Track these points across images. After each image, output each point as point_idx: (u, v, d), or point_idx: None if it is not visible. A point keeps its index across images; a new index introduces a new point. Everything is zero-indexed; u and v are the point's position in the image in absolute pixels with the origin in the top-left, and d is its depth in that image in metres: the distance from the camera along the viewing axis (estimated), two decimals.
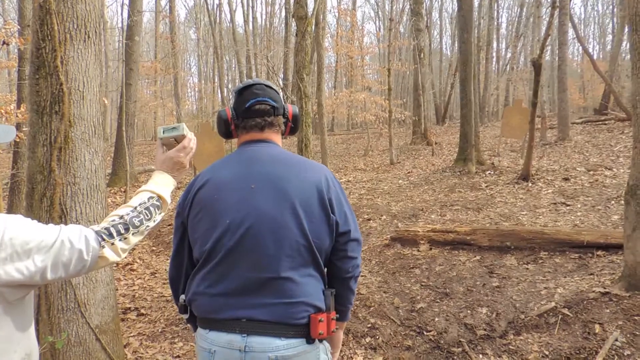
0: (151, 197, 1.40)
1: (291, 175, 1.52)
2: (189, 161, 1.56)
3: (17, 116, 6.89)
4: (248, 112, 1.61)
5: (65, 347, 3.05)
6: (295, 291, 1.46)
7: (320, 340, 1.52)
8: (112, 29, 25.77)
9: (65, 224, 3.08)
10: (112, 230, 1.26)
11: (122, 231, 1.28)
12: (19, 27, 6.89)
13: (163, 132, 1.54)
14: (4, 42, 5.97)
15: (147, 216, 1.35)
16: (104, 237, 1.24)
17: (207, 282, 1.54)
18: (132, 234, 1.30)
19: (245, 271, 1.48)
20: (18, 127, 7.01)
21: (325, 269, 1.60)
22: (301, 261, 1.48)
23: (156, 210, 1.40)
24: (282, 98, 1.67)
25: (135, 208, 1.34)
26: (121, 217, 1.30)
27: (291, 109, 1.69)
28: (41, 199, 3.12)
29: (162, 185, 1.47)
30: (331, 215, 1.51)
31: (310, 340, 1.48)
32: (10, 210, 7.30)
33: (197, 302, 1.56)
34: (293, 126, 1.71)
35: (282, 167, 1.54)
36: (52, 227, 1.23)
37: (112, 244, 1.25)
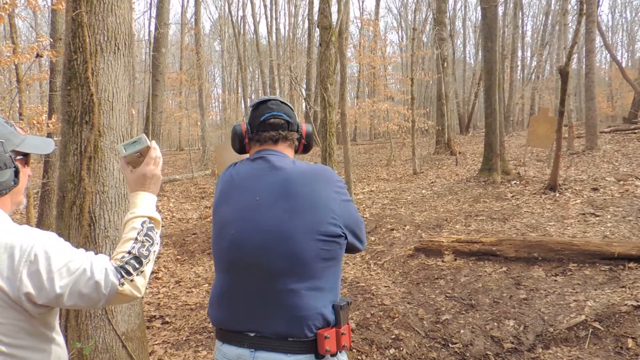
0: (144, 222, 1.36)
1: (298, 187, 1.49)
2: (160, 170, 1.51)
3: (48, 126, 7.09)
4: (263, 126, 1.63)
5: (92, 353, 3.10)
6: (301, 306, 1.43)
7: (333, 355, 1.47)
8: (139, 41, 26.36)
9: (94, 232, 3.16)
10: (128, 267, 1.25)
11: (137, 265, 1.27)
12: (51, 40, 7.10)
13: (125, 149, 1.44)
14: (37, 55, 6.17)
15: (150, 242, 1.34)
16: (123, 274, 1.24)
17: (217, 290, 1.59)
18: (146, 264, 1.30)
19: (250, 284, 1.49)
20: (49, 137, 7.21)
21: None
22: (307, 275, 1.44)
23: (154, 232, 1.38)
24: (296, 115, 1.69)
25: (137, 239, 1.32)
26: (129, 253, 1.28)
27: (305, 127, 1.69)
28: (71, 207, 3.19)
29: (146, 205, 1.42)
30: (338, 228, 1.48)
31: (319, 356, 1.44)
32: (41, 218, 7.48)
33: (210, 310, 1.61)
34: (306, 144, 1.71)
35: (289, 179, 1.51)
36: (81, 253, 1.24)
37: (132, 280, 1.24)
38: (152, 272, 6.30)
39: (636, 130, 15.69)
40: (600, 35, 15.61)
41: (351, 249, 1.60)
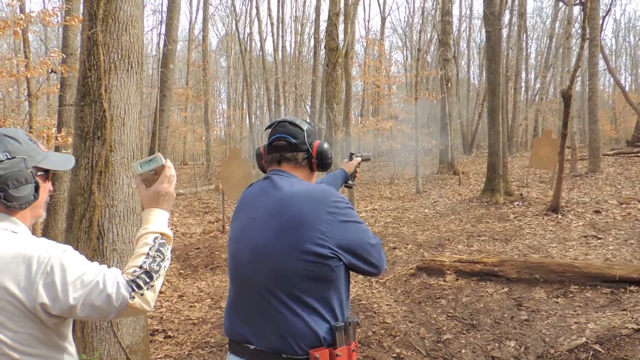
0: (156, 238, 1.40)
1: (288, 206, 1.51)
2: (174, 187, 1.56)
3: (57, 139, 7.19)
4: (270, 148, 1.73)
5: None
6: (291, 323, 1.45)
7: None
8: (147, 57, 26.70)
9: (103, 245, 3.22)
10: (139, 281, 1.29)
11: (148, 280, 1.31)
12: (63, 55, 7.24)
13: (141, 167, 1.47)
14: (52, 71, 6.29)
15: (161, 257, 1.37)
16: (134, 287, 1.28)
17: (228, 301, 1.67)
18: (156, 279, 1.33)
19: (248, 298, 1.56)
20: (57, 150, 7.31)
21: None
22: (295, 293, 1.46)
23: (165, 248, 1.41)
24: (308, 134, 1.70)
25: (148, 254, 1.35)
26: (140, 267, 1.32)
27: (317, 144, 1.70)
28: (81, 220, 3.26)
29: (159, 222, 1.46)
30: (326, 249, 1.45)
31: None
32: (46, 230, 7.54)
33: (224, 320, 1.68)
34: (318, 162, 1.71)
35: (282, 198, 1.54)
36: (94, 266, 1.29)
37: (142, 294, 1.28)
38: None
39: (639, 154, 15.73)
40: (604, 59, 15.76)
41: (362, 272, 1.59)
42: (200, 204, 14.21)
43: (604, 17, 13.78)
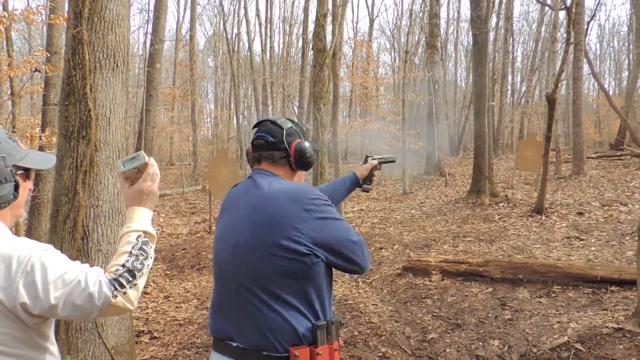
0: (139, 236, 1.39)
1: (264, 204, 1.52)
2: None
3: (40, 139, 7.10)
4: (252, 147, 1.75)
5: None
6: (270, 320, 1.46)
7: None
8: (134, 56, 26.49)
9: (87, 245, 3.20)
10: (122, 280, 1.28)
11: (131, 278, 1.29)
12: (47, 54, 7.16)
13: (123, 165, 1.46)
14: (35, 70, 6.22)
15: (144, 255, 1.36)
16: (117, 286, 1.26)
17: (212, 299, 1.69)
18: (139, 277, 1.32)
19: (230, 295, 1.57)
20: (41, 150, 7.22)
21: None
22: (272, 289, 1.47)
23: (148, 246, 1.40)
24: (288, 133, 1.70)
25: (131, 252, 1.34)
26: (123, 266, 1.30)
27: (295, 143, 1.69)
28: (65, 220, 3.23)
29: (142, 220, 1.45)
30: (302, 246, 1.45)
31: None
32: (30, 231, 7.44)
33: (209, 318, 1.69)
34: (296, 161, 1.69)
35: (260, 196, 1.56)
36: (76, 265, 1.28)
37: (125, 293, 1.27)
38: None
39: (622, 157, 15.99)
40: (588, 64, 15.94)
41: (343, 270, 1.59)
42: (187, 204, 14.14)
43: (588, 22, 13.97)
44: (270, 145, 1.69)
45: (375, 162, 2.44)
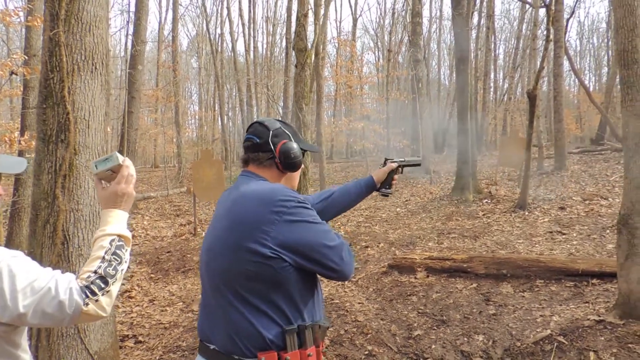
0: (113, 240, 1.36)
1: (234, 206, 1.51)
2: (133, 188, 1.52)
3: (20, 143, 6.99)
4: (243, 149, 1.75)
5: None
6: (237, 323, 1.45)
7: None
8: (115, 57, 26.22)
9: (68, 250, 3.16)
10: (93, 287, 1.25)
11: (103, 285, 1.26)
12: (25, 57, 7.06)
13: (96, 166, 1.43)
14: (12, 73, 6.13)
15: (118, 260, 1.33)
16: (88, 293, 1.23)
17: (200, 302, 1.68)
18: (112, 284, 1.29)
19: (208, 298, 1.58)
20: (21, 154, 7.11)
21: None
22: (241, 293, 1.45)
23: (122, 250, 1.37)
24: (275, 134, 1.68)
25: (104, 258, 1.31)
26: (95, 272, 1.27)
27: (280, 144, 1.67)
28: (44, 225, 3.19)
29: (117, 223, 1.41)
30: (267, 249, 1.42)
31: None
32: (10, 237, 7.33)
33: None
34: (282, 162, 1.67)
35: (234, 198, 1.55)
36: (47, 272, 1.25)
37: (97, 300, 1.24)
38: (126, 291, 6.24)
39: (603, 152, 16.25)
40: (568, 60, 16.16)
41: (321, 275, 1.55)
42: (172, 206, 14.03)
43: (568, 19, 14.12)
44: (256, 147, 1.68)
45: (395, 164, 2.29)
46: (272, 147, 1.67)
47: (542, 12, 16.87)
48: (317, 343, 1.53)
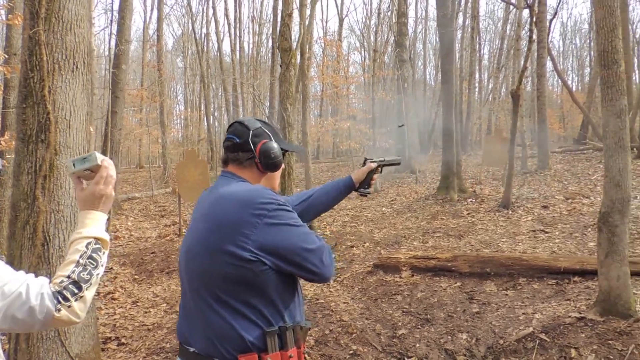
0: (89, 243, 1.31)
1: (214, 208, 1.50)
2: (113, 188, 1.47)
3: (0, 144, 6.88)
4: (223, 149, 1.74)
5: None
6: (216, 326, 1.44)
7: None
8: (99, 57, 25.91)
9: (49, 251, 3.12)
10: (66, 293, 1.21)
11: (76, 291, 1.22)
12: (5, 55, 6.95)
13: (74, 165, 1.38)
14: None
15: (94, 264, 1.29)
16: (60, 299, 1.20)
17: (180, 304, 1.66)
18: (86, 289, 1.25)
19: (187, 301, 1.57)
20: (1, 154, 6.99)
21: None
22: (220, 295, 1.44)
23: (99, 254, 1.33)
24: (255, 134, 1.66)
25: (79, 262, 1.27)
26: (69, 277, 1.23)
27: (260, 144, 1.65)
28: (24, 226, 3.14)
29: (94, 225, 1.37)
30: (247, 252, 1.41)
31: None
32: None
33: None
34: (262, 162, 1.65)
35: (213, 200, 1.54)
36: (19, 276, 1.21)
37: (69, 306, 1.20)
38: (109, 293, 6.17)
39: (585, 151, 16.48)
40: (551, 61, 16.36)
41: (302, 278, 1.55)
42: (157, 207, 13.92)
43: (550, 20, 14.27)
44: (236, 147, 1.66)
45: (375, 164, 2.29)
46: (252, 147, 1.65)
47: (526, 13, 17.06)
48: (299, 344, 1.52)
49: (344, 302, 5.13)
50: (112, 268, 7.33)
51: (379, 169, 2.33)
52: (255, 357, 1.43)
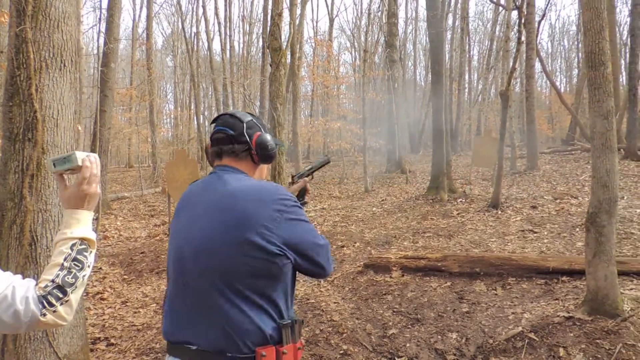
0: (74, 245, 1.29)
1: (232, 203, 1.48)
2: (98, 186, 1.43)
3: None
4: (212, 142, 1.70)
5: None
6: (235, 320, 1.43)
7: None
8: (88, 55, 25.67)
9: (36, 251, 3.08)
10: (50, 298, 1.19)
11: (61, 295, 1.20)
12: None
13: (54, 165, 1.35)
14: None
15: (79, 266, 1.26)
16: (45, 304, 1.18)
17: (166, 301, 1.62)
18: (72, 292, 1.22)
19: (189, 297, 1.52)
20: None
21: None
22: (239, 289, 1.43)
23: (85, 254, 1.30)
24: (249, 126, 1.66)
25: (63, 265, 1.24)
26: (53, 281, 1.21)
27: (256, 136, 1.66)
28: (11, 226, 3.10)
29: (80, 225, 1.34)
30: (273, 246, 1.43)
31: None
32: None
33: (163, 322, 1.62)
34: (258, 153, 1.66)
35: (227, 194, 1.51)
36: (5, 277, 1.19)
37: (54, 311, 1.19)
38: (98, 293, 6.12)
39: (573, 152, 16.65)
40: (540, 62, 16.54)
41: (307, 273, 1.58)
42: (146, 207, 13.84)
43: (539, 22, 14.43)
44: (231, 139, 1.64)
45: (306, 181, 2.32)
46: (248, 139, 1.65)
47: (515, 14, 17.19)
48: (301, 337, 1.58)
49: (335, 302, 5.13)
50: (101, 268, 7.27)
51: (311, 177, 2.42)
52: (273, 350, 1.45)
